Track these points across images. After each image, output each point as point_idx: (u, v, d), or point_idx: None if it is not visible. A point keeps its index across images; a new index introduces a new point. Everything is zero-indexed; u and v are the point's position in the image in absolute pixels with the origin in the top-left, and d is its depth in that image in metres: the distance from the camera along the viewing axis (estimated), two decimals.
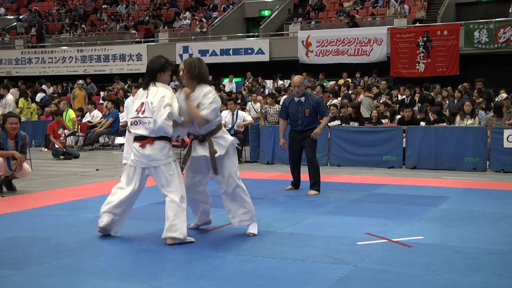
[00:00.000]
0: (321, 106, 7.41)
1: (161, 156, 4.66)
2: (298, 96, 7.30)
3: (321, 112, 7.39)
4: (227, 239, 4.88)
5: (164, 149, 4.68)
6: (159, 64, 4.78)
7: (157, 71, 4.77)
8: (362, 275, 3.84)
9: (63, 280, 3.79)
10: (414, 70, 17.56)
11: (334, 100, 13.79)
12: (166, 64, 4.80)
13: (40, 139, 14.58)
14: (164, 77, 4.80)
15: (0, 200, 7.04)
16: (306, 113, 7.22)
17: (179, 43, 21.08)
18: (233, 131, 10.96)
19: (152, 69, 4.79)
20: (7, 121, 7.45)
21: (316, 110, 7.29)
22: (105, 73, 22.00)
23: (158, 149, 4.66)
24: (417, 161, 9.89)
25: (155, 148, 4.66)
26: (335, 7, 21.54)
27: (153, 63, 4.82)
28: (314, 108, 7.26)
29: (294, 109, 7.32)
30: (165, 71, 4.80)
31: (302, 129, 7.28)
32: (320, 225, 5.43)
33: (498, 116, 10.21)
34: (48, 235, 5.07)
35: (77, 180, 8.79)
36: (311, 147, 7.28)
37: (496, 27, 16.70)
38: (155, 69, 4.77)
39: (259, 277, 3.82)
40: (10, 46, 24.85)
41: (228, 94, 16.22)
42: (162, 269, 4.05)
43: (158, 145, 4.66)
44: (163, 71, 4.78)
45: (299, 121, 7.29)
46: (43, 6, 28.52)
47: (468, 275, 3.83)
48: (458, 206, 6.33)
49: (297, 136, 7.34)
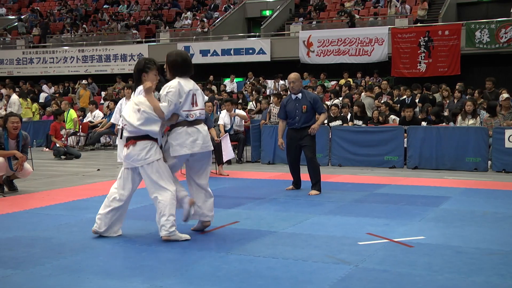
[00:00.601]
0: (318, 103, 7.44)
1: (141, 156, 4.68)
2: (294, 92, 7.36)
3: (319, 109, 7.40)
4: (228, 239, 4.88)
5: (145, 149, 4.69)
6: (141, 65, 4.86)
7: (140, 73, 4.84)
8: (363, 275, 3.84)
9: (64, 280, 3.80)
10: (415, 70, 17.55)
11: (336, 100, 13.78)
12: (148, 64, 4.84)
13: (42, 139, 14.59)
14: (150, 77, 4.83)
15: (2, 200, 7.05)
16: (303, 109, 7.24)
17: (180, 43, 21.08)
18: (232, 131, 10.96)
19: (136, 72, 4.89)
20: (8, 121, 7.46)
21: (314, 107, 7.31)
22: (106, 73, 22.02)
23: (138, 150, 4.70)
24: (418, 161, 9.89)
25: (136, 149, 4.70)
26: (336, 7, 21.54)
27: (136, 65, 4.91)
28: (312, 105, 7.29)
29: (292, 106, 7.34)
30: (147, 71, 4.84)
31: (299, 126, 7.28)
32: (321, 225, 5.43)
33: (492, 116, 10.20)
34: (50, 235, 5.07)
35: (78, 180, 8.79)
36: (310, 147, 7.29)
37: (497, 27, 16.68)
38: (138, 71, 4.86)
39: (261, 277, 3.82)
40: (12, 46, 24.89)
41: (229, 94, 16.22)
42: (163, 269, 4.05)
43: (139, 145, 4.70)
44: (146, 71, 4.83)
45: (296, 117, 7.30)
46: (44, 6, 28.55)
47: (470, 275, 3.83)
48: (459, 206, 6.33)
49: (295, 135, 7.34)
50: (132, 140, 4.72)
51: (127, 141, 4.78)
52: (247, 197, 7.03)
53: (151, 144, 4.73)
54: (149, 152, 4.69)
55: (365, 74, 17.72)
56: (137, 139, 4.71)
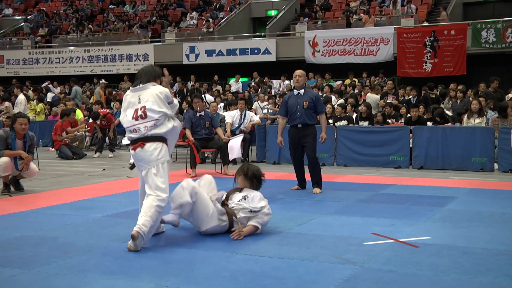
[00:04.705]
0: (320, 101, 7.45)
1: (152, 158, 4.62)
2: (298, 86, 7.34)
3: (319, 108, 7.38)
4: (234, 239, 4.88)
5: (155, 151, 4.63)
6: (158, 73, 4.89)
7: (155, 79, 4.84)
8: (369, 276, 3.83)
9: (70, 280, 3.81)
10: (421, 70, 17.50)
11: (340, 100, 13.76)
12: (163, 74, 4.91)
13: (48, 139, 14.64)
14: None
15: (8, 200, 7.08)
16: (305, 105, 7.22)
17: (185, 43, 21.11)
18: (239, 131, 10.97)
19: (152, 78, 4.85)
20: (17, 121, 7.50)
21: (315, 105, 7.29)
22: (112, 73, 22.07)
23: (149, 152, 4.63)
24: (424, 161, 9.86)
25: (146, 151, 4.64)
26: (341, 7, 21.51)
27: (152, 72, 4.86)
28: (313, 102, 7.27)
29: (294, 102, 7.32)
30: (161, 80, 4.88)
31: (300, 123, 7.25)
32: (327, 225, 5.42)
33: (502, 117, 10.16)
34: (56, 234, 5.09)
35: (84, 180, 8.82)
36: (311, 146, 7.29)
37: (503, 26, 16.60)
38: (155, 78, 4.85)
39: (266, 277, 3.81)
40: (18, 47, 25.00)
41: (235, 94, 16.22)
42: (169, 269, 4.05)
43: (148, 147, 4.64)
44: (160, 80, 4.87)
45: (297, 113, 7.26)
46: (50, 6, 28.66)
47: (477, 276, 3.81)
48: (465, 207, 6.30)
49: (297, 133, 7.31)
50: (141, 143, 4.65)
51: (134, 144, 4.70)
52: None
53: (161, 146, 4.70)
54: (159, 154, 4.65)
55: (370, 74, 17.68)
56: (146, 141, 4.64)
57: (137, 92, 4.77)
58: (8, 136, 7.45)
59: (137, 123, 4.67)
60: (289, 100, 7.41)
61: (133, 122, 4.69)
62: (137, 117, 4.67)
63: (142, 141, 4.65)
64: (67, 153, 12.04)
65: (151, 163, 4.62)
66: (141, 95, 4.72)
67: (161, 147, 4.67)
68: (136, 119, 4.67)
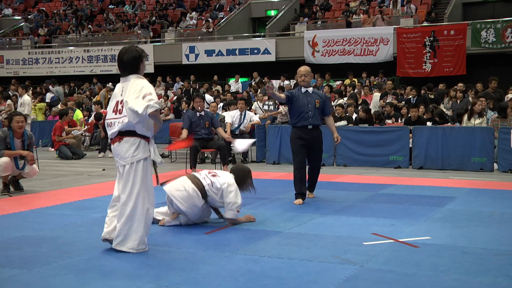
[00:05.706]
0: (329, 102, 7.11)
1: (127, 155, 4.42)
2: (305, 85, 6.77)
3: (327, 109, 6.91)
4: (233, 239, 4.88)
5: (132, 147, 4.41)
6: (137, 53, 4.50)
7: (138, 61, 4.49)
8: (369, 276, 3.83)
9: (70, 280, 3.81)
10: (421, 70, 17.51)
11: (340, 100, 13.76)
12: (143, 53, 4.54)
13: (47, 139, 14.63)
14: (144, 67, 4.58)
15: (8, 200, 7.08)
16: (317, 104, 6.69)
17: (185, 43, 21.12)
18: (238, 131, 10.97)
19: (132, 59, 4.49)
20: (13, 120, 7.50)
21: (324, 106, 6.83)
22: (111, 73, 22.06)
23: (125, 147, 4.43)
24: (424, 161, 9.86)
25: (122, 145, 4.44)
26: (341, 7, 21.51)
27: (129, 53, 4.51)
28: (323, 101, 6.82)
29: (304, 100, 6.65)
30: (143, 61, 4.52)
31: (312, 123, 6.62)
32: (326, 225, 5.42)
33: (502, 117, 10.16)
34: (56, 234, 5.09)
35: (84, 180, 8.82)
36: (321, 150, 6.92)
37: (503, 26, 16.61)
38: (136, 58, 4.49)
39: (266, 277, 3.81)
40: (17, 47, 24.99)
41: (234, 94, 16.22)
42: (168, 269, 4.05)
43: (125, 142, 4.44)
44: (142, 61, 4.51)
45: (309, 112, 6.60)
46: (50, 6, 28.65)
47: (477, 276, 3.81)
48: (465, 207, 6.30)
49: (306, 136, 6.66)
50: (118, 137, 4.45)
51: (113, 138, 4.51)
52: (252, 197, 7.00)
53: (138, 141, 4.46)
54: (136, 151, 4.43)
55: (370, 74, 17.69)
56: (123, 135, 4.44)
57: (122, 83, 4.55)
58: (6, 136, 7.44)
59: (114, 117, 4.47)
60: (297, 98, 6.69)
61: (111, 115, 4.51)
62: (116, 111, 4.47)
63: (120, 136, 4.46)
64: (67, 153, 12.04)
65: (126, 160, 4.43)
66: (124, 87, 4.50)
67: (138, 143, 4.44)
68: (115, 113, 4.47)
